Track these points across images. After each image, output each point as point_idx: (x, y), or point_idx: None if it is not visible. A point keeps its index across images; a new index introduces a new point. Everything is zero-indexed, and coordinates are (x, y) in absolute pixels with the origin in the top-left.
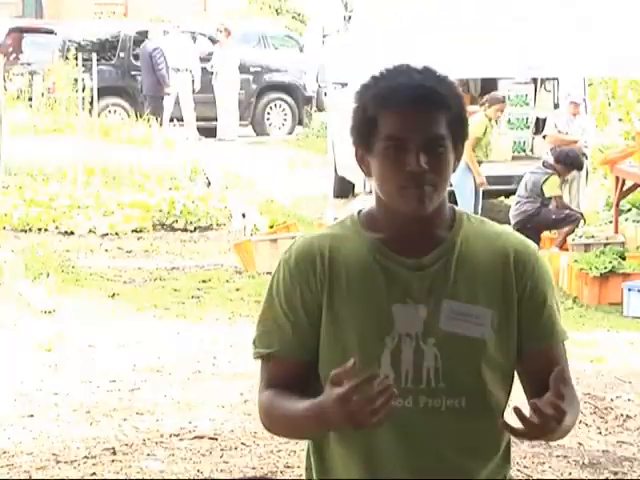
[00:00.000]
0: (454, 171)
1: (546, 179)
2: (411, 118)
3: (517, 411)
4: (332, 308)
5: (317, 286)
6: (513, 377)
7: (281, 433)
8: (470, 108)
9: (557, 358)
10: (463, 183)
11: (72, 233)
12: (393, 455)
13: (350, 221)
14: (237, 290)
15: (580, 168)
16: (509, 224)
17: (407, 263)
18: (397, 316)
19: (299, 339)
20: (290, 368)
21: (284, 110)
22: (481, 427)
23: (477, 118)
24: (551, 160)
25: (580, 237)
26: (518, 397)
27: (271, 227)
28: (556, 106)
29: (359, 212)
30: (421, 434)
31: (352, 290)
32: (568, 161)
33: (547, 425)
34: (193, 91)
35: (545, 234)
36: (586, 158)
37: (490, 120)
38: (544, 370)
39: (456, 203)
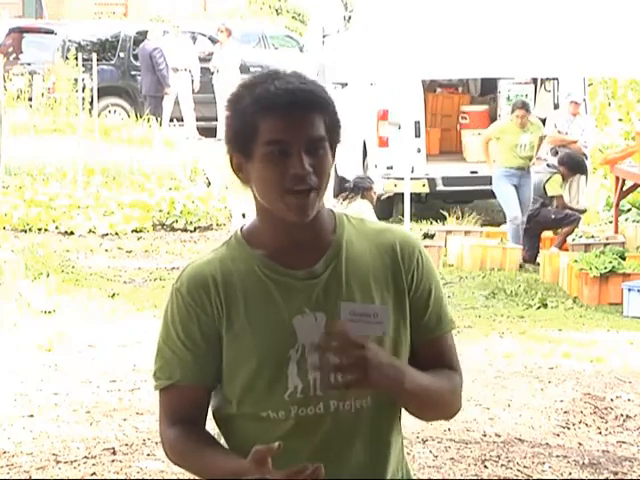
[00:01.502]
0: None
1: (549, 178)
2: (293, 121)
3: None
4: (232, 331)
5: (213, 311)
6: None
7: (192, 472)
8: (470, 108)
9: (446, 348)
10: (503, 190)
11: (72, 233)
12: (309, 461)
13: (235, 240)
14: None
15: (583, 173)
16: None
17: (298, 275)
18: (298, 328)
19: (200, 366)
20: (193, 396)
21: None
22: (384, 424)
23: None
24: (555, 162)
25: (580, 237)
26: None
27: None
28: (556, 106)
29: (241, 229)
30: (335, 438)
31: (250, 310)
32: (572, 165)
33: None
34: (193, 91)
35: (545, 234)
36: (586, 158)
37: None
38: (434, 359)
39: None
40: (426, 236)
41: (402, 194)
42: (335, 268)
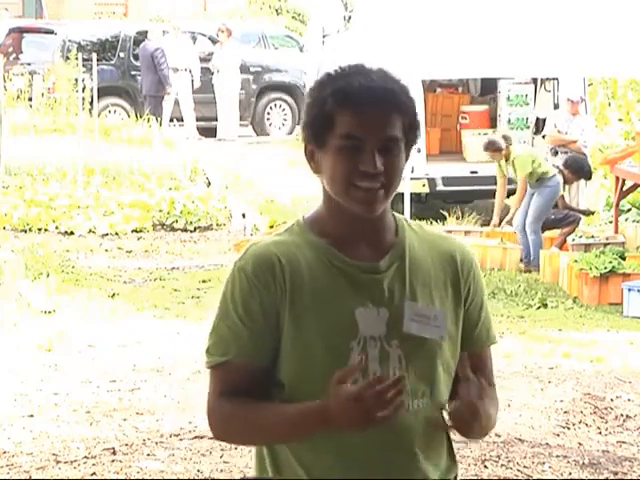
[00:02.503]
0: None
1: None
2: (370, 118)
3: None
4: (294, 314)
5: (277, 292)
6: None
7: (245, 440)
8: (470, 108)
9: (488, 362)
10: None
11: (72, 233)
12: (364, 455)
13: (297, 227)
14: None
15: (588, 178)
16: (510, 224)
17: (364, 267)
18: (360, 320)
19: (256, 345)
20: (246, 374)
21: (284, 110)
22: (436, 425)
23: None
24: (558, 163)
25: (580, 237)
26: None
27: (271, 227)
28: (556, 106)
29: (304, 217)
30: (390, 434)
31: (315, 296)
32: (577, 169)
33: (474, 409)
34: (194, 91)
35: (545, 234)
36: (585, 157)
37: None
38: (477, 372)
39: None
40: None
41: (402, 194)
42: (399, 267)
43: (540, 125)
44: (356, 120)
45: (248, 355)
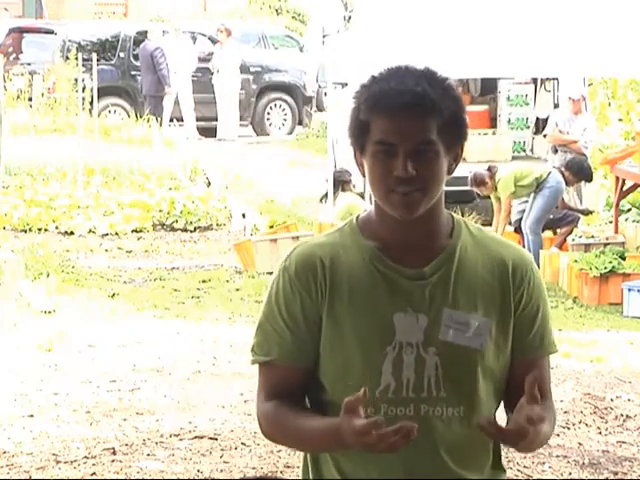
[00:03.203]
0: (451, 173)
1: None
2: (400, 123)
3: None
4: (333, 316)
5: (318, 294)
6: (505, 387)
7: (287, 445)
8: (470, 108)
9: (543, 371)
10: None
11: (72, 233)
12: (394, 463)
13: (349, 228)
14: (237, 290)
15: (589, 180)
16: (509, 224)
17: (408, 273)
18: (398, 325)
19: (298, 347)
20: (289, 375)
21: (284, 110)
22: (476, 436)
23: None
24: (559, 164)
25: (580, 237)
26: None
27: (271, 227)
28: (556, 106)
29: (357, 218)
30: (422, 442)
31: (353, 299)
32: (578, 171)
33: (523, 434)
34: (194, 91)
35: (545, 234)
36: (586, 157)
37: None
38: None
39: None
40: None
41: None
42: (445, 273)
43: (540, 125)
44: (388, 126)
45: (290, 357)
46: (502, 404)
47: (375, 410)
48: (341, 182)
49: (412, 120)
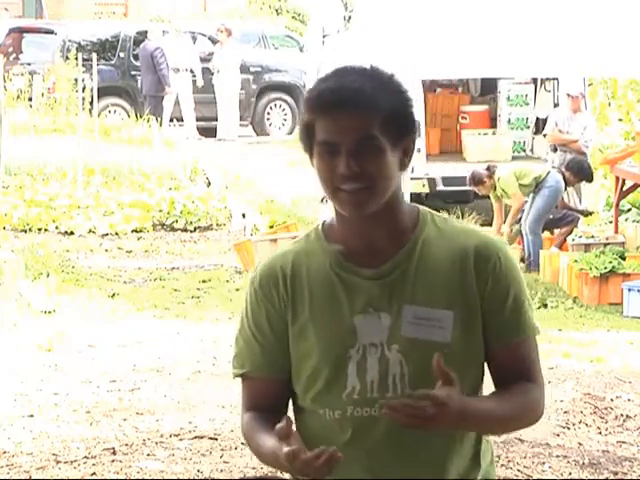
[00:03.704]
0: (404, 169)
1: None
2: (339, 121)
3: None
4: (297, 325)
5: (281, 305)
6: (483, 376)
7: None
8: (470, 108)
9: (523, 355)
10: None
11: (72, 233)
12: (360, 462)
13: (315, 234)
14: (237, 290)
15: (589, 181)
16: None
17: (366, 273)
18: (360, 327)
19: (268, 358)
20: (264, 387)
21: (284, 110)
22: (447, 430)
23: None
24: (559, 164)
25: (580, 237)
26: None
27: (271, 227)
28: (556, 105)
29: (323, 223)
30: (386, 441)
31: (314, 306)
32: (579, 171)
33: (423, 415)
34: (194, 91)
35: (545, 234)
36: (586, 157)
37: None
38: (510, 366)
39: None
40: None
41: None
42: (405, 269)
43: (540, 125)
44: (328, 125)
45: (262, 369)
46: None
47: (342, 412)
48: None
49: (351, 117)
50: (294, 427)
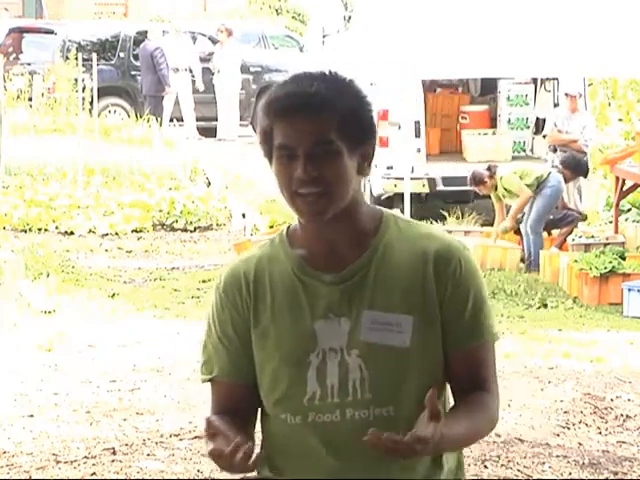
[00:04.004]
0: (364, 174)
1: None
2: (296, 125)
3: (373, 435)
4: (259, 330)
5: (244, 310)
6: (445, 379)
7: None
8: (470, 108)
9: (480, 360)
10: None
11: (72, 233)
12: (322, 464)
13: (279, 238)
14: None
15: (585, 175)
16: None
17: (327, 278)
18: (320, 332)
19: (234, 364)
20: (231, 392)
21: None
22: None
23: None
24: (557, 162)
25: (580, 237)
26: None
27: (271, 227)
28: (556, 106)
29: (288, 228)
30: (349, 445)
31: (276, 311)
32: (575, 166)
33: (410, 451)
34: (194, 91)
35: (545, 235)
36: (585, 154)
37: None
38: (467, 372)
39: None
40: None
41: (402, 194)
42: (366, 274)
43: (540, 125)
44: (286, 129)
45: (228, 374)
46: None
47: (303, 418)
48: None
49: (307, 121)
50: (220, 424)
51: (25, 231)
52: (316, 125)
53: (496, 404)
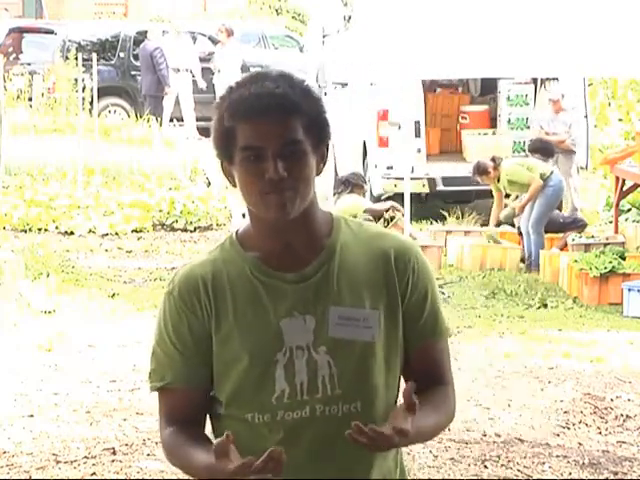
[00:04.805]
0: (319, 174)
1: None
2: (265, 126)
3: (357, 427)
4: (220, 333)
5: (204, 313)
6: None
7: (183, 472)
8: (470, 108)
9: (438, 354)
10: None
11: (72, 233)
12: (294, 465)
13: (229, 243)
14: None
15: (552, 156)
16: (512, 225)
17: (288, 277)
18: (286, 330)
19: (190, 368)
20: (185, 397)
21: None
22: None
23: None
24: (527, 150)
25: (580, 237)
26: None
27: None
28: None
29: (237, 232)
30: (318, 442)
31: (238, 312)
32: (540, 149)
33: (389, 443)
34: (195, 91)
35: (547, 235)
36: (574, 153)
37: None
38: (428, 366)
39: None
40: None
41: (402, 194)
42: (327, 272)
43: None
44: (253, 130)
45: (184, 379)
46: None
47: (271, 416)
48: (353, 185)
49: (276, 122)
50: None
51: (25, 231)
52: (285, 126)
53: (454, 395)
